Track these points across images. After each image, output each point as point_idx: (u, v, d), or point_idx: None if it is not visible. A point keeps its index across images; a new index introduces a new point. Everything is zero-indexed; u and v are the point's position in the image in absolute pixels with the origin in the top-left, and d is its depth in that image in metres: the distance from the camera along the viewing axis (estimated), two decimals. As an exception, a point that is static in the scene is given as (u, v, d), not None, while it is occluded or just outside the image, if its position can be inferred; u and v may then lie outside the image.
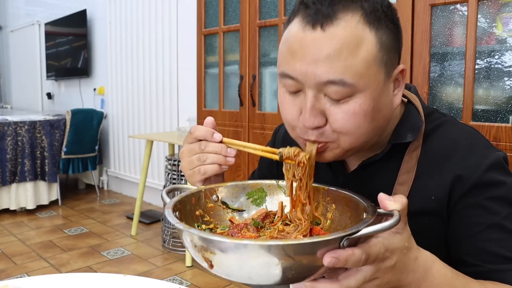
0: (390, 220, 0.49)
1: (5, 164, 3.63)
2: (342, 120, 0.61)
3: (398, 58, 0.66)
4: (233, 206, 0.71)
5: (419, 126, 0.70)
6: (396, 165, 0.70)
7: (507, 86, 1.45)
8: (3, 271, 2.54)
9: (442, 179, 0.67)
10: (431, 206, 0.67)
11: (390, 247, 0.51)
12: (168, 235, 2.91)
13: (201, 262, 0.53)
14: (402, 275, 0.54)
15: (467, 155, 0.67)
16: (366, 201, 0.59)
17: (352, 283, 0.50)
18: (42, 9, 5.64)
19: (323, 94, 0.61)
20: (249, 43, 2.22)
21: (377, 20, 0.60)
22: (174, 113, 3.60)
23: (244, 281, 0.51)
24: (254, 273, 0.49)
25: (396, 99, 0.67)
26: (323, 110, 0.61)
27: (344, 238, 0.48)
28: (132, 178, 4.18)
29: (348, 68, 0.58)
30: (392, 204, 0.51)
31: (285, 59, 0.62)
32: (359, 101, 0.60)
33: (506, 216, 0.64)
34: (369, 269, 0.51)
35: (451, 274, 0.58)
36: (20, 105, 6.39)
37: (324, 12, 0.58)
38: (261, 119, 2.20)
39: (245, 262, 0.48)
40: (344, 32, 0.58)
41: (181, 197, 0.65)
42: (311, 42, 0.59)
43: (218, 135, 0.68)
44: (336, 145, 0.64)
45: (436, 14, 1.56)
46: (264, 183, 0.73)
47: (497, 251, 0.62)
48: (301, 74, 0.60)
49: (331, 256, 0.47)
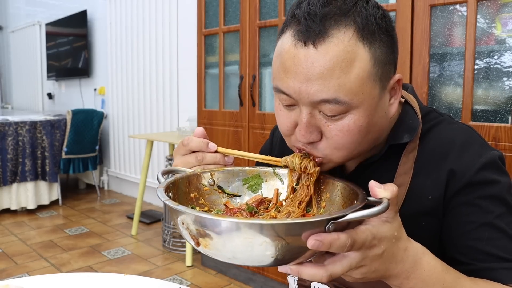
0: (377, 206, 0.49)
1: (6, 164, 3.64)
2: (337, 137, 0.61)
3: (394, 68, 0.65)
4: (229, 191, 0.71)
5: (416, 127, 0.70)
6: (394, 166, 0.71)
7: (506, 86, 1.45)
8: (4, 270, 2.55)
9: (438, 178, 0.67)
10: (428, 206, 0.67)
11: (378, 235, 0.51)
12: (168, 235, 2.91)
13: (189, 240, 0.53)
14: (391, 265, 0.54)
15: (462, 152, 0.67)
16: (359, 189, 0.59)
17: (337, 269, 0.50)
18: (43, 9, 5.64)
19: (318, 110, 0.61)
20: (249, 43, 2.23)
21: (370, 35, 0.59)
22: (174, 113, 3.60)
23: (229, 260, 0.51)
24: (238, 251, 0.49)
25: (391, 109, 0.67)
26: (318, 126, 0.62)
27: (330, 222, 0.48)
28: (132, 178, 4.18)
29: (341, 87, 0.57)
30: (382, 192, 0.51)
31: (279, 74, 0.62)
32: (353, 117, 0.60)
33: (499, 215, 0.64)
34: (356, 256, 0.50)
35: (442, 268, 0.58)
36: (21, 105, 6.40)
37: (315, 30, 0.57)
38: (261, 119, 2.20)
39: (228, 240, 0.48)
40: (336, 48, 0.57)
41: (176, 178, 0.65)
42: (303, 59, 0.58)
43: (213, 145, 0.69)
44: (328, 160, 0.65)
45: (436, 14, 1.57)
46: (260, 170, 0.73)
47: (489, 250, 0.63)
48: (294, 92, 0.60)
49: (315, 239, 0.46)
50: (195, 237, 0.52)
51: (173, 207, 0.52)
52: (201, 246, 0.52)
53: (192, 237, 0.52)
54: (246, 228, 0.47)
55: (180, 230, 0.54)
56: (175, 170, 0.69)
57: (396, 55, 0.65)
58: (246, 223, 0.47)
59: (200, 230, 0.50)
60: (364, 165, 0.73)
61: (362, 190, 0.58)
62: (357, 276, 0.53)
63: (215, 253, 0.52)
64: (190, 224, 0.51)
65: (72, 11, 4.81)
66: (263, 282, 2.27)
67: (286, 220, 0.47)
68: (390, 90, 0.65)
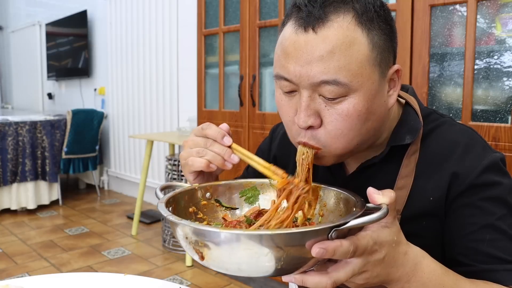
0: (377, 212, 0.50)
1: (6, 164, 3.64)
2: (336, 122, 0.61)
3: (393, 58, 0.66)
4: (226, 204, 0.72)
5: (417, 128, 0.70)
6: (395, 167, 0.71)
7: (506, 86, 1.45)
8: (4, 270, 2.55)
9: (440, 179, 0.67)
10: (430, 207, 0.67)
11: (379, 240, 0.52)
12: (168, 235, 2.91)
13: (193, 254, 0.53)
14: (392, 269, 0.54)
15: (465, 155, 0.67)
16: (356, 196, 0.60)
17: (341, 275, 0.51)
18: (43, 9, 5.64)
19: (318, 94, 0.62)
20: (249, 44, 2.23)
21: (369, 21, 0.61)
22: (174, 113, 3.60)
23: (234, 273, 0.52)
24: (243, 263, 0.50)
25: (390, 100, 0.67)
26: (317, 110, 0.62)
27: (332, 230, 0.48)
28: (132, 178, 4.18)
29: (341, 68, 0.59)
30: (380, 198, 0.52)
31: (280, 61, 0.63)
32: (353, 101, 0.61)
33: (500, 216, 0.64)
34: (358, 261, 0.51)
35: (441, 270, 0.58)
36: (21, 105, 6.40)
37: (315, 15, 0.59)
38: (261, 119, 2.20)
39: (234, 252, 0.49)
40: (336, 33, 0.59)
41: (175, 193, 0.66)
42: (304, 44, 0.60)
43: (229, 139, 0.68)
44: (327, 152, 0.64)
45: (436, 14, 1.57)
46: (257, 181, 0.73)
47: (490, 252, 0.63)
48: (295, 75, 0.61)
49: (320, 247, 0.47)
50: (199, 251, 0.52)
51: (176, 222, 0.52)
52: (205, 260, 0.52)
53: (196, 251, 0.52)
54: (250, 239, 0.47)
55: (184, 245, 0.54)
56: (172, 186, 0.70)
57: (395, 45, 0.66)
58: (250, 235, 0.47)
59: (204, 243, 0.50)
60: (365, 167, 0.73)
61: (360, 197, 0.59)
62: (360, 282, 0.54)
63: (220, 266, 0.52)
64: (193, 237, 0.51)
65: (72, 11, 4.81)
66: (263, 282, 2.28)
67: (289, 230, 0.48)
68: (389, 81, 0.66)
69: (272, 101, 2.24)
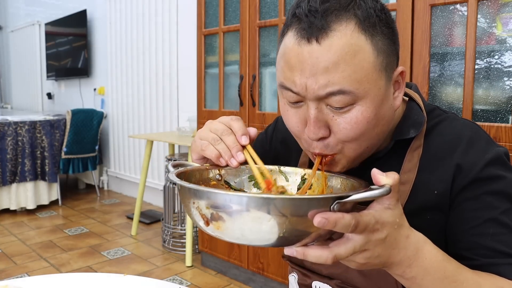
0: (380, 189, 0.51)
1: (5, 164, 3.63)
2: (345, 130, 0.62)
3: (396, 60, 0.66)
4: (235, 186, 0.72)
5: (421, 122, 0.70)
6: (399, 162, 0.71)
7: (506, 86, 1.45)
8: (3, 271, 2.54)
9: (445, 173, 0.67)
10: (434, 201, 0.67)
11: (381, 220, 0.52)
12: (168, 235, 2.91)
13: (198, 220, 0.55)
14: (393, 251, 0.54)
15: (469, 148, 0.67)
16: (361, 181, 0.61)
17: (342, 251, 0.51)
18: (42, 9, 5.64)
19: (325, 104, 0.61)
20: (249, 43, 2.23)
21: (371, 27, 0.60)
22: (174, 113, 3.60)
23: (238, 241, 0.53)
24: (246, 229, 0.50)
25: (396, 102, 0.67)
26: (326, 121, 0.62)
27: (335, 201, 0.49)
28: (132, 178, 4.18)
29: (347, 78, 0.58)
30: (384, 179, 0.52)
31: (284, 72, 0.63)
32: (361, 109, 0.61)
33: (504, 211, 0.64)
34: (359, 238, 0.51)
35: (443, 257, 0.58)
36: (20, 105, 6.39)
37: (318, 25, 0.58)
38: (261, 119, 2.20)
39: (238, 216, 0.50)
40: (339, 42, 0.58)
41: (187, 169, 0.68)
42: (308, 55, 0.59)
43: (246, 139, 0.68)
44: (341, 156, 0.66)
45: (436, 14, 1.56)
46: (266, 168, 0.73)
47: (493, 246, 0.63)
48: (301, 88, 0.61)
49: (321, 217, 0.47)
50: (205, 216, 0.53)
51: (185, 185, 0.54)
52: (210, 226, 0.53)
53: (202, 217, 0.54)
54: (255, 203, 0.49)
55: (190, 211, 0.55)
56: (184, 164, 0.72)
57: (397, 48, 0.66)
58: (255, 198, 0.49)
59: (209, 206, 0.52)
60: (369, 161, 0.73)
61: (365, 181, 0.60)
62: (361, 261, 0.53)
63: (225, 233, 0.53)
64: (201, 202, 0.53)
65: (71, 11, 4.81)
66: (263, 282, 2.27)
67: (293, 196, 0.49)
68: (394, 83, 0.66)
69: (272, 101, 2.24)
